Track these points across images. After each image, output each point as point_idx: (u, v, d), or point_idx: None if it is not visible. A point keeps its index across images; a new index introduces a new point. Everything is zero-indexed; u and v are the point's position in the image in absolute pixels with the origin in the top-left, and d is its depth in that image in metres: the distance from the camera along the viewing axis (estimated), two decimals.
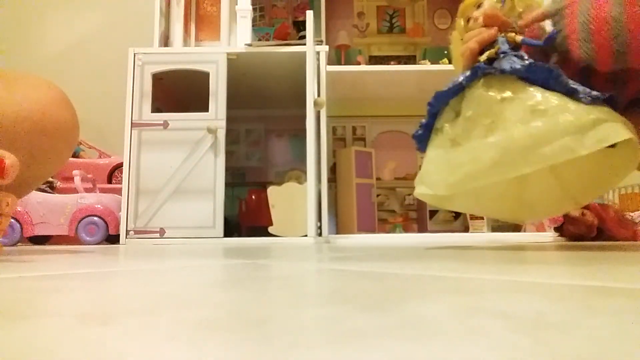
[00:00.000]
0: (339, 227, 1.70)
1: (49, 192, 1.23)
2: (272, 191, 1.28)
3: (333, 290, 0.26)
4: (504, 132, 0.57)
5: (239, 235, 1.65)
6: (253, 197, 1.70)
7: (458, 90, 0.66)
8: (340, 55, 1.75)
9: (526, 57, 0.62)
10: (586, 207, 1.06)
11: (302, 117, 1.18)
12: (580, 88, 0.57)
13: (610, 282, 0.27)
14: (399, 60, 1.81)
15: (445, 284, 0.27)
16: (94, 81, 1.79)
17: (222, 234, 1.17)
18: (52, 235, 1.25)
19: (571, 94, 0.57)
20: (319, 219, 1.19)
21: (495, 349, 0.13)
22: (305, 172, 1.19)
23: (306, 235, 1.14)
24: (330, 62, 1.50)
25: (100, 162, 1.46)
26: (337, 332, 0.15)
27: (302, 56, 1.21)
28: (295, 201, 1.21)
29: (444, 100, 0.68)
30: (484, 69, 0.63)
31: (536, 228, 1.29)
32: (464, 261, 0.46)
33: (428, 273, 0.34)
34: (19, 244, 1.19)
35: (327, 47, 1.31)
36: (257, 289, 0.26)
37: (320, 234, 1.17)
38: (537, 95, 0.58)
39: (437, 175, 0.65)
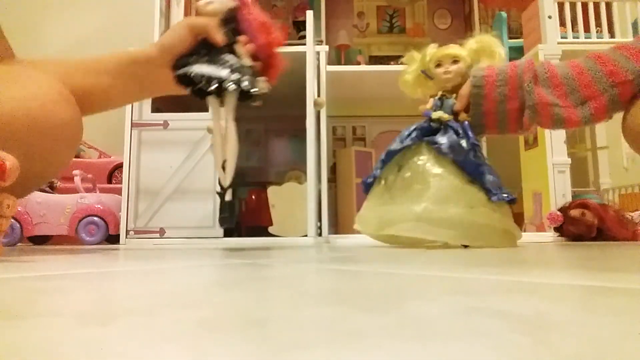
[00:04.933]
0: (339, 227, 1.70)
1: (49, 192, 1.23)
2: (272, 191, 1.28)
3: (333, 290, 0.26)
4: (428, 202, 0.74)
5: (239, 235, 1.65)
6: (253, 197, 1.70)
7: (404, 148, 0.82)
8: (340, 55, 1.75)
9: (467, 138, 0.77)
10: (586, 207, 1.06)
11: (302, 117, 1.18)
12: (494, 190, 0.75)
13: (610, 282, 0.27)
14: (399, 60, 1.81)
15: (445, 284, 0.27)
16: None
17: (222, 234, 1.17)
18: (52, 235, 1.25)
19: (486, 191, 0.75)
20: (319, 219, 1.19)
21: (495, 349, 0.13)
22: (305, 172, 1.19)
23: (306, 235, 1.14)
24: (330, 62, 1.50)
25: (100, 162, 1.46)
26: (336, 332, 0.15)
27: (302, 56, 1.21)
28: (295, 201, 1.20)
29: (393, 156, 0.84)
30: (430, 141, 0.79)
31: (536, 228, 1.29)
32: (464, 261, 0.46)
33: (428, 273, 0.34)
34: (19, 244, 1.19)
35: (327, 47, 1.31)
36: (257, 289, 0.26)
37: (320, 234, 1.17)
38: (461, 185, 0.76)
39: (370, 222, 0.83)
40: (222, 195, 0.93)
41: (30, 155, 0.60)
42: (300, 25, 1.75)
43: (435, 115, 0.80)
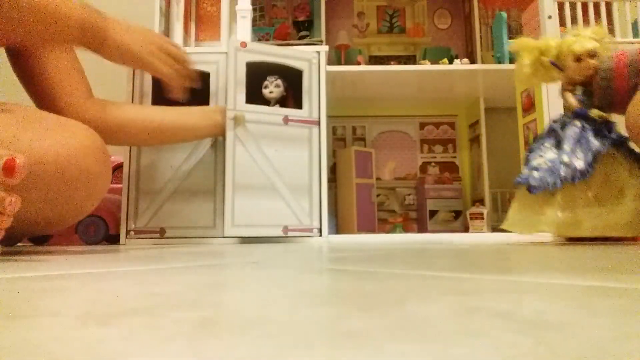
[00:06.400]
0: (339, 227, 1.70)
1: None
2: None
3: (333, 290, 0.26)
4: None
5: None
6: None
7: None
8: (340, 55, 1.75)
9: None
10: None
11: None
12: None
13: (610, 282, 0.27)
14: (399, 60, 1.81)
15: (445, 284, 0.27)
16: (94, 81, 1.79)
17: (222, 234, 1.17)
18: (52, 235, 1.25)
19: None
20: (319, 218, 1.19)
21: (495, 349, 0.13)
22: None
23: (307, 235, 1.14)
24: (330, 62, 1.50)
25: None
26: (336, 332, 0.15)
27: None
28: None
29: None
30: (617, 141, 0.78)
31: None
32: (464, 261, 0.46)
33: (428, 273, 0.34)
34: (19, 243, 1.19)
35: (327, 47, 1.31)
36: (257, 289, 0.26)
37: (320, 234, 1.17)
38: None
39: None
40: None
41: (51, 201, 0.60)
42: (300, 25, 1.75)
43: (596, 113, 0.80)
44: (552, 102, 1.26)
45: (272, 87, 1.19)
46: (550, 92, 1.26)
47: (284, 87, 1.20)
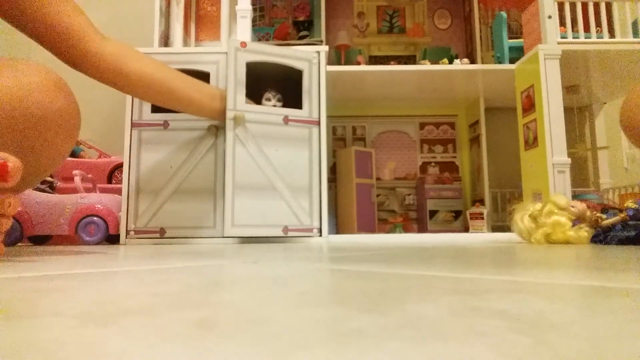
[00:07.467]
0: (339, 227, 1.70)
1: (49, 192, 1.23)
2: None
3: (333, 290, 0.26)
4: None
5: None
6: None
7: None
8: (340, 55, 1.75)
9: None
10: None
11: None
12: None
13: (610, 282, 0.27)
14: (399, 60, 1.81)
15: (445, 284, 0.27)
16: (94, 81, 1.79)
17: (222, 234, 1.17)
18: (52, 235, 1.25)
19: None
20: (319, 218, 1.19)
21: (495, 349, 0.13)
22: None
23: (307, 235, 1.13)
24: (330, 62, 1.50)
25: (100, 162, 1.46)
26: (337, 332, 0.15)
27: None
28: None
29: None
30: None
31: None
32: (464, 261, 0.46)
33: (428, 273, 0.34)
34: (19, 244, 1.19)
35: (327, 47, 1.31)
36: (257, 289, 0.26)
37: (320, 234, 1.17)
38: None
39: None
40: None
41: (22, 146, 0.58)
42: (300, 25, 1.75)
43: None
44: (552, 102, 1.26)
45: (275, 101, 1.23)
46: (550, 92, 1.26)
47: (281, 99, 1.26)
